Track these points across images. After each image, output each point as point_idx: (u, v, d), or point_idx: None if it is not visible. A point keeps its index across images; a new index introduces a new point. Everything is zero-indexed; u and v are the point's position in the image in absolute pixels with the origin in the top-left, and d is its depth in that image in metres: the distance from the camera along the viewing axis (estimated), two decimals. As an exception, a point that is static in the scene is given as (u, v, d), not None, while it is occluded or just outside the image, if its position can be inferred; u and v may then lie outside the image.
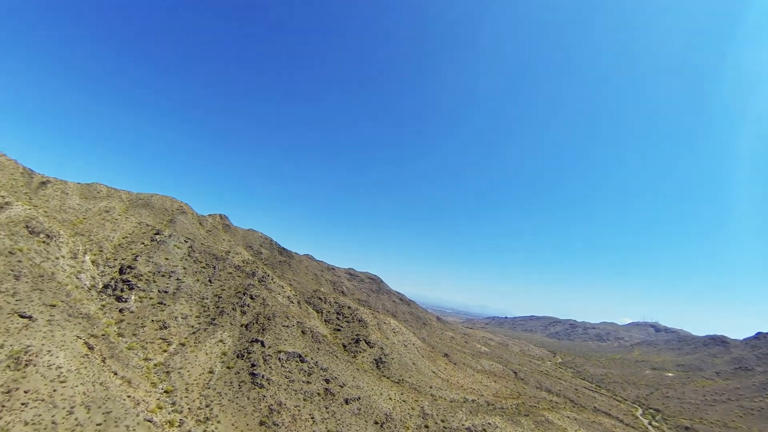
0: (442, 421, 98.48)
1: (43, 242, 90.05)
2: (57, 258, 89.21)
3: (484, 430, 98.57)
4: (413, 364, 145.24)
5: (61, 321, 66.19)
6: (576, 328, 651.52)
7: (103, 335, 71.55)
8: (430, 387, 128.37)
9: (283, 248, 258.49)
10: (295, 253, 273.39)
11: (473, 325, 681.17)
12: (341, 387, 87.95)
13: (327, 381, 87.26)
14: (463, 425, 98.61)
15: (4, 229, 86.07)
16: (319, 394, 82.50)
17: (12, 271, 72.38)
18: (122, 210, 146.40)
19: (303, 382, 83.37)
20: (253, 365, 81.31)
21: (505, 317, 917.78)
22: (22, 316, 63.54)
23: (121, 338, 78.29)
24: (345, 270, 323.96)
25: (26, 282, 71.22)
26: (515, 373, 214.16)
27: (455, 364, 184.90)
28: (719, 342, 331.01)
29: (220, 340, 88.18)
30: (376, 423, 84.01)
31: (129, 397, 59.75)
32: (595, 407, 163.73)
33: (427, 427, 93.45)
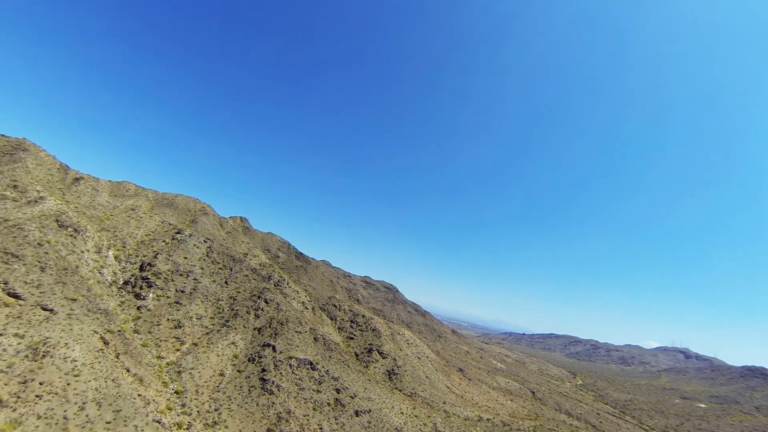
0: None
1: (71, 236, 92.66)
2: (82, 252, 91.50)
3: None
4: (426, 377, 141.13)
5: (80, 315, 67.14)
6: (598, 350, 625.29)
7: (119, 331, 72.23)
8: (444, 402, 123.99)
9: (301, 253, 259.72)
10: (312, 258, 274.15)
11: (489, 340, 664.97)
12: (352, 398, 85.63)
13: (338, 391, 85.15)
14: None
15: (35, 221, 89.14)
16: (329, 403, 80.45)
17: (39, 262, 74.41)
18: (148, 208, 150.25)
19: (313, 390, 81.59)
20: (263, 370, 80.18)
21: (523, 334, 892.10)
22: (44, 309, 64.80)
23: (136, 335, 78.91)
24: (361, 278, 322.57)
25: (51, 274, 72.95)
26: (533, 392, 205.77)
27: (470, 379, 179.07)
28: (759, 374, 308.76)
29: (233, 343, 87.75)
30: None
31: (139, 395, 59.51)
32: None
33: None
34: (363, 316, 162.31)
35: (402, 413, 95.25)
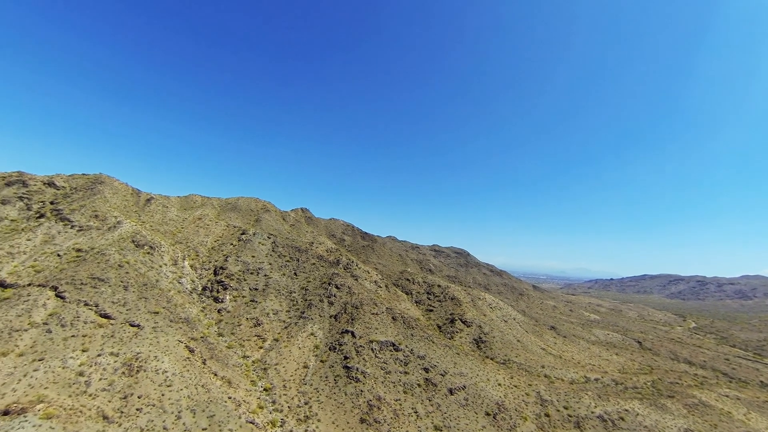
0: (565, 408, 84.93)
1: (147, 253, 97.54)
2: (160, 266, 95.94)
3: (621, 418, 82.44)
4: (518, 341, 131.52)
5: (164, 327, 69.10)
6: (706, 286, 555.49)
7: (202, 337, 73.86)
8: (542, 366, 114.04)
9: (366, 233, 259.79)
10: (378, 236, 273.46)
11: (574, 290, 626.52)
12: (443, 375, 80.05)
13: (426, 370, 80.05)
14: (592, 413, 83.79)
15: (115, 245, 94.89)
16: (419, 384, 75.77)
17: (122, 282, 78.28)
18: (214, 216, 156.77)
19: (400, 372, 77.38)
20: (346, 358, 77.63)
21: (611, 279, 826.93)
22: (131, 325, 67.49)
23: (221, 338, 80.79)
24: (429, 247, 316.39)
25: (133, 292, 76.33)
26: (639, 342, 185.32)
27: (565, 337, 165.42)
28: None
29: (312, 333, 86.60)
30: (488, 414, 74.53)
31: (230, 398, 59.40)
32: (761, 382, 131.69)
33: (548, 416, 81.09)
34: (438, 285, 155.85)
35: (499, 384, 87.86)
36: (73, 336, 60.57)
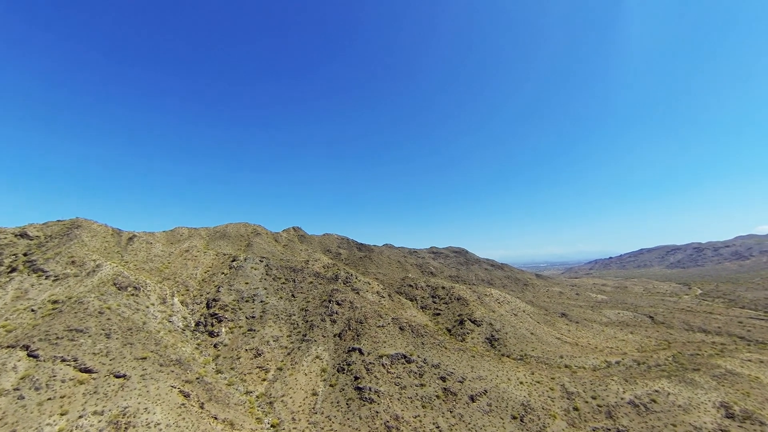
0: (593, 398, 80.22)
1: (132, 295, 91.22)
2: (147, 307, 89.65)
3: (653, 400, 77.98)
4: (531, 333, 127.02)
5: (154, 373, 63.00)
6: (703, 252, 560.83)
7: (197, 378, 67.70)
8: (561, 357, 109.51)
9: (362, 244, 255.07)
10: (374, 245, 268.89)
11: (576, 273, 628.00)
12: (461, 382, 74.86)
13: (443, 379, 74.82)
14: (622, 399, 79.21)
15: (94, 291, 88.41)
16: (437, 396, 70.44)
17: (103, 330, 71.96)
18: (202, 246, 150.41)
19: (416, 386, 72.00)
20: (356, 378, 72.11)
21: (610, 257, 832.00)
22: (116, 376, 61.27)
23: (219, 375, 74.65)
24: (427, 250, 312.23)
25: (117, 339, 70.08)
26: (651, 317, 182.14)
27: (577, 322, 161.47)
28: None
29: (317, 357, 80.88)
30: (515, 418, 69.48)
31: (233, 443, 53.53)
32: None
33: (576, 409, 76.30)
34: (443, 287, 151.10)
35: (521, 383, 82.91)
36: (49, 399, 54.21)
